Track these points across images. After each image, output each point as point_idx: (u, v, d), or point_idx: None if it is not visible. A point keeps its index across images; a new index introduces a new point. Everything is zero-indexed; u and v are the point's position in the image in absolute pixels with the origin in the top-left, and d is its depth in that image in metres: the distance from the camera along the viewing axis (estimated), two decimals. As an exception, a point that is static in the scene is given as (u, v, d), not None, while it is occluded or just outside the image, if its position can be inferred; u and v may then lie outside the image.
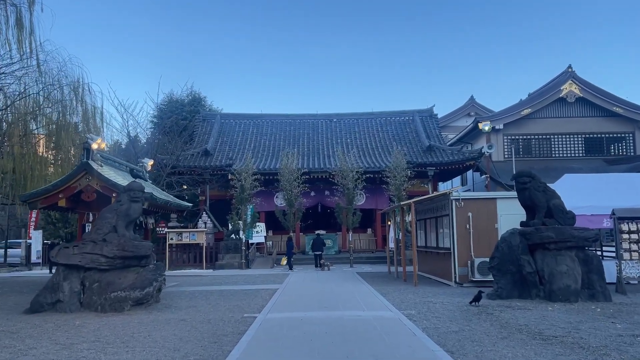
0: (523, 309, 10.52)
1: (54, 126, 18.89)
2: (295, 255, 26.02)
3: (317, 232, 26.20)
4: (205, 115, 36.32)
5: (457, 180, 38.52)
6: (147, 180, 18.16)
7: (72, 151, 17.98)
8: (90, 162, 14.07)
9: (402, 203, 15.80)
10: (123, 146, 36.95)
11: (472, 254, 15.11)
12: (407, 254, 22.62)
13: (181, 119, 35.36)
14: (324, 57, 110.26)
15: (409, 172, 25.43)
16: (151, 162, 18.68)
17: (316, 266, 24.21)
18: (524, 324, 8.87)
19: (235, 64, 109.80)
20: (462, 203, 15.32)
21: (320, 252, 24.48)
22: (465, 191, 29.44)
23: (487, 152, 27.29)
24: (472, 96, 51.06)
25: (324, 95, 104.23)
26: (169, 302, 12.59)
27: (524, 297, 11.77)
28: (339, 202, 25.47)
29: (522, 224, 12.59)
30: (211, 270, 24.04)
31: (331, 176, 26.75)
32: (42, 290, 11.39)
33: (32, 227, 30.19)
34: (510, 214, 15.04)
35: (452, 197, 15.35)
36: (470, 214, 15.30)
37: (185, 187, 32.63)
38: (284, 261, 23.94)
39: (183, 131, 32.15)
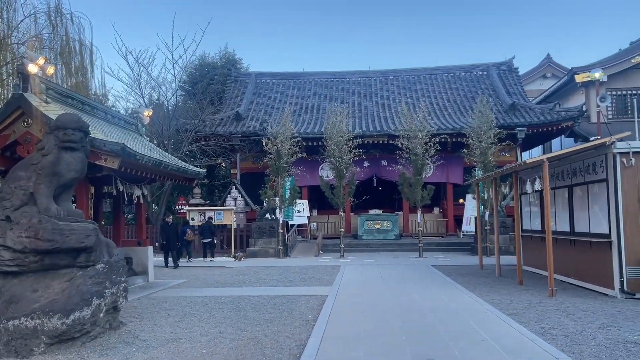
0: None
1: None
2: (346, 241, 20.38)
3: (208, 216, 20.34)
4: (237, 75, 30.92)
5: (538, 149, 31.78)
6: (141, 135, 12.87)
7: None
8: (28, 95, 8.81)
9: (528, 161, 9.80)
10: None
11: (652, 244, 9.02)
12: (501, 239, 16.65)
13: (212, 83, 30.19)
14: (372, 9, 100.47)
15: (495, 131, 19.11)
16: (148, 111, 13.40)
17: (204, 256, 18.78)
18: None
19: (273, 20, 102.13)
20: (633, 160, 9.18)
21: (210, 240, 19.01)
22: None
23: (599, 106, 20.67)
24: (548, 54, 43.27)
25: (375, 52, 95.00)
26: (138, 327, 7.22)
27: None
28: (404, 172, 19.52)
29: None
30: (234, 260, 18.77)
31: (392, 139, 20.83)
32: None
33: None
34: None
35: (615, 150, 9.23)
36: (646, 177, 9.16)
37: (220, 162, 27.59)
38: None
39: (207, 92, 26.93)
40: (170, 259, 16.60)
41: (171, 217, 18.05)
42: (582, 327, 6.84)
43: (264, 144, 20.37)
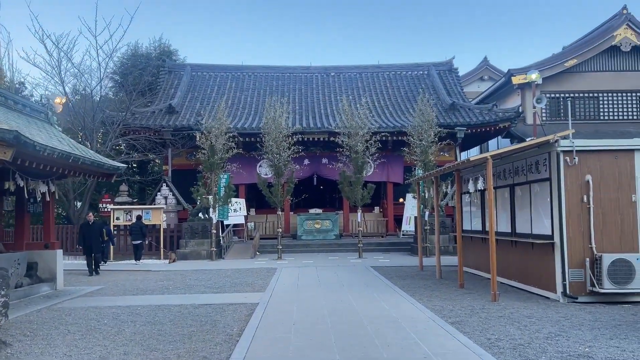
0: None
1: None
2: (284, 241, 19.51)
3: (138, 216, 18.55)
4: (172, 67, 29.29)
5: (475, 150, 32.22)
6: (52, 125, 11.40)
7: None
8: None
9: (472, 158, 9.33)
10: (70, 105, 29.87)
11: (594, 246, 8.75)
12: (440, 239, 16.35)
13: (144, 74, 28.36)
14: (317, 8, 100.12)
15: (436, 130, 18.87)
16: (60, 98, 12.04)
17: (136, 259, 17.37)
18: None
19: (213, 11, 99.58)
20: (577, 158, 8.89)
21: (141, 242, 17.59)
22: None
23: (535, 107, 20.95)
24: (485, 57, 44.30)
25: (318, 49, 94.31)
26: (26, 348, 6.03)
27: None
28: (345, 170, 18.91)
29: None
30: (168, 262, 17.48)
31: (333, 137, 20.19)
32: None
33: None
34: (661, 178, 8.72)
35: (559, 148, 8.90)
36: (589, 177, 8.89)
37: (154, 157, 25.94)
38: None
39: (139, 83, 25.25)
40: (97, 265, 14.90)
41: (92, 215, 16.30)
42: (530, 338, 6.32)
43: (197, 139, 19.13)
